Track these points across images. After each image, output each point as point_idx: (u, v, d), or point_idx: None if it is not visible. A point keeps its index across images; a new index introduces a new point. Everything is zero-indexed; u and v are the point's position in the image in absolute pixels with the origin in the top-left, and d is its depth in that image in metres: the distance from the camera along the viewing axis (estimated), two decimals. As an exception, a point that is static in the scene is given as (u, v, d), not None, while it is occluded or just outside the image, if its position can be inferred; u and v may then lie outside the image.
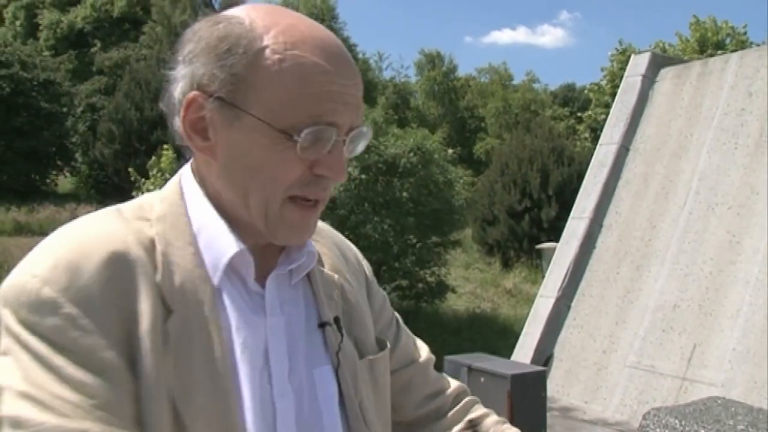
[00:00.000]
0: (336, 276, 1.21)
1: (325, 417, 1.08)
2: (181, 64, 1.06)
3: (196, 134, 1.04)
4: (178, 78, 1.05)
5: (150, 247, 1.01)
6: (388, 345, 1.25)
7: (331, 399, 1.10)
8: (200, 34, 1.04)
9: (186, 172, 1.12)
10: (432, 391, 1.36)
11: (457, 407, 1.37)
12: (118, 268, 0.96)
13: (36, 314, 0.92)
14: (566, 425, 7.51)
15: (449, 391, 1.39)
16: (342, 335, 1.14)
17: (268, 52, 0.99)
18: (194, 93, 1.02)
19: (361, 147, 1.09)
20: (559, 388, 8.47)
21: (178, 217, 1.06)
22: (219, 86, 1.00)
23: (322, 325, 1.13)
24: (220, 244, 1.04)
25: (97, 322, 0.92)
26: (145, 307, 0.95)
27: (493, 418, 1.36)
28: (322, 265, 1.20)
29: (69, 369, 0.90)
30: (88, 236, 0.99)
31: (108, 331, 0.93)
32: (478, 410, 1.38)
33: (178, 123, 1.06)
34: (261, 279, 1.08)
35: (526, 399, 6.28)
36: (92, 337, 0.92)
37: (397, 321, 1.37)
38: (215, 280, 1.03)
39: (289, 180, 1.02)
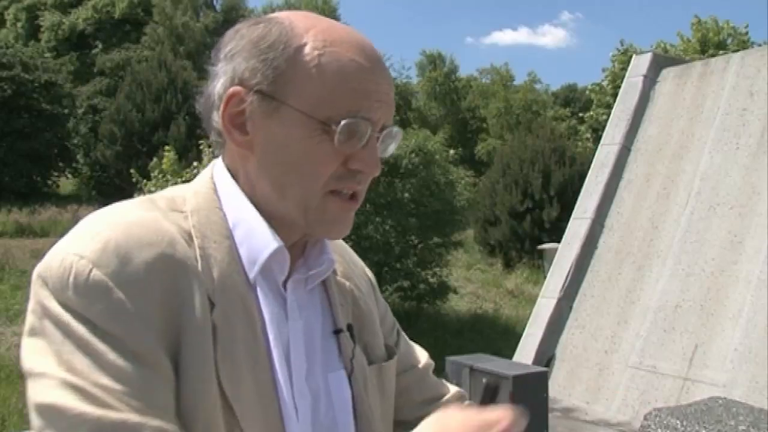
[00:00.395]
0: (347, 283, 1.23)
1: (339, 421, 1.10)
2: (222, 61, 1.08)
3: (235, 128, 1.06)
4: (219, 74, 1.07)
5: (189, 239, 1.01)
6: (396, 352, 1.27)
7: (346, 404, 1.12)
8: (241, 32, 1.07)
9: (218, 167, 1.12)
10: (431, 396, 1.37)
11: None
12: (168, 257, 0.96)
13: (84, 297, 0.91)
14: (568, 426, 7.50)
15: (448, 396, 1.39)
16: (355, 342, 1.16)
17: (307, 48, 1.03)
18: (235, 87, 1.04)
19: (392, 148, 1.12)
20: (561, 388, 8.47)
21: (213, 210, 1.07)
22: (260, 80, 1.03)
23: (336, 332, 1.15)
24: (258, 239, 1.05)
25: (145, 310, 0.92)
26: (195, 298, 0.96)
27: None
28: (335, 272, 1.21)
29: (111, 356, 0.89)
30: (135, 221, 0.98)
31: (155, 320, 0.92)
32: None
33: (217, 118, 1.08)
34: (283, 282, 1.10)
35: (528, 400, 6.28)
36: (139, 325, 0.91)
37: (398, 329, 1.39)
38: (251, 276, 1.04)
39: (326, 173, 1.03)
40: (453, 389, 1.41)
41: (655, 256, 8.50)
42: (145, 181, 14.54)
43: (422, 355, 1.41)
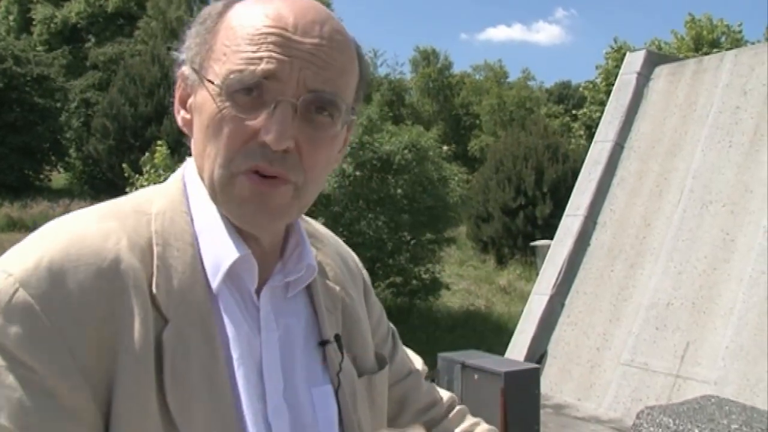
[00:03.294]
0: (338, 288, 1.13)
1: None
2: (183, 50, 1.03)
3: (183, 108, 1.02)
4: (181, 57, 1.02)
5: (146, 248, 0.92)
6: (387, 362, 1.19)
7: (331, 421, 1.03)
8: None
9: (191, 163, 1.04)
10: (426, 403, 1.31)
11: (450, 415, 1.32)
12: (107, 278, 0.87)
13: (2, 319, 0.81)
14: (559, 422, 7.52)
15: (442, 402, 1.33)
16: (343, 354, 1.07)
17: (229, 12, 0.96)
18: (184, 67, 1.00)
19: (337, 120, 0.96)
20: (552, 385, 8.49)
21: (179, 214, 0.98)
22: (193, 56, 0.98)
23: (322, 343, 1.06)
24: (221, 246, 0.96)
25: (73, 341, 0.82)
26: (137, 322, 0.86)
27: (484, 426, 1.33)
28: (325, 276, 1.12)
29: (18, 393, 0.79)
30: (78, 236, 0.89)
31: (84, 354, 0.83)
32: (469, 419, 1.34)
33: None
34: (256, 290, 1.01)
35: (520, 396, 6.29)
36: (63, 359, 0.81)
37: (393, 333, 1.31)
38: (214, 286, 0.95)
39: (231, 146, 0.92)
40: (446, 395, 1.35)
41: (647, 253, 8.52)
42: (137, 175, 14.51)
43: (417, 361, 1.35)
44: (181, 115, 1.01)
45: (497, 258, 22.60)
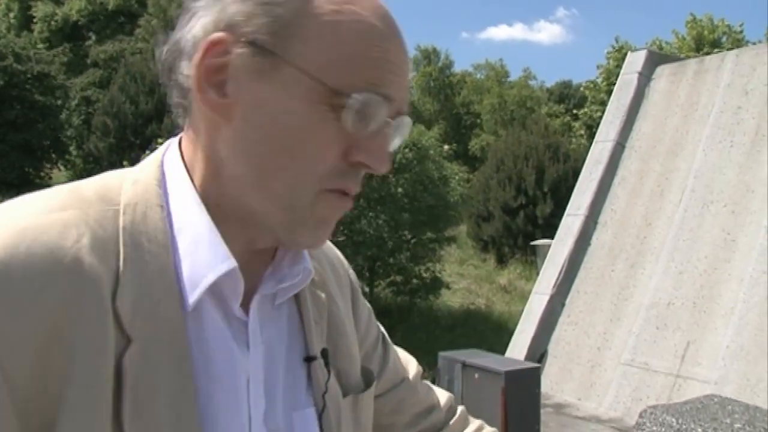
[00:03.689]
0: (323, 294, 0.99)
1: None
2: None
3: (211, 87, 0.79)
4: (199, 13, 0.81)
5: (111, 248, 0.76)
6: (375, 378, 1.06)
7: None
8: None
9: (172, 148, 0.87)
10: (424, 407, 1.21)
11: (453, 420, 1.25)
12: (59, 288, 0.71)
13: None
14: (560, 422, 7.51)
15: (441, 404, 1.24)
16: (330, 372, 0.94)
17: (320, 0, 0.80)
18: (220, 33, 0.78)
19: (399, 141, 0.88)
20: (553, 384, 8.48)
21: (153, 208, 0.80)
22: (256, 28, 0.78)
23: (308, 359, 0.92)
24: (203, 254, 0.80)
25: (9, 367, 0.67)
26: (91, 340, 0.71)
27: (488, 430, 1.28)
28: (312, 281, 0.96)
29: None
30: (31, 228, 0.73)
31: (21, 385, 0.68)
32: (473, 424, 1.28)
33: (187, 70, 0.82)
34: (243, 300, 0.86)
35: (520, 395, 6.28)
36: None
37: (384, 338, 1.18)
38: (191, 300, 0.79)
39: (328, 160, 0.80)
40: (443, 395, 1.26)
41: (648, 253, 8.51)
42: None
43: (411, 364, 1.23)
44: (209, 95, 0.80)
45: (498, 257, 22.61)
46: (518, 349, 8.99)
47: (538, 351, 8.90)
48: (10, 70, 27.27)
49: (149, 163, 0.86)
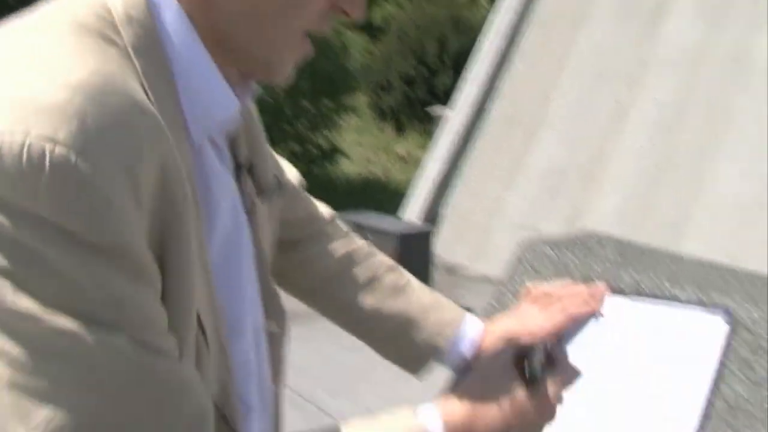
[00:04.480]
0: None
1: (244, 271, 0.91)
2: None
3: None
4: None
5: (144, 92, 0.72)
6: (283, 183, 1.08)
7: (248, 249, 0.92)
8: None
9: None
10: (308, 213, 1.22)
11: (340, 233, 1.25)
12: (154, 129, 0.68)
13: (64, 202, 0.61)
14: (451, 282, 7.77)
15: (320, 215, 1.24)
16: (253, 176, 0.95)
17: None
18: None
19: None
20: (446, 247, 8.70)
21: (154, 47, 0.74)
22: None
23: (238, 168, 0.92)
24: (209, 93, 0.79)
25: (137, 210, 0.65)
26: (180, 168, 0.71)
27: (384, 260, 1.31)
28: None
29: (108, 276, 0.63)
30: (101, 76, 0.65)
31: (148, 224, 0.67)
32: (362, 249, 1.27)
33: None
34: None
35: (413, 257, 6.46)
36: (135, 232, 0.65)
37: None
38: (197, 140, 0.79)
39: (319, 2, 0.80)
40: (322, 206, 1.25)
41: (545, 123, 8.67)
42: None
43: (292, 172, 1.22)
44: None
45: (396, 127, 22.68)
46: (412, 212, 9.17)
47: (432, 214, 9.09)
48: None
49: None
